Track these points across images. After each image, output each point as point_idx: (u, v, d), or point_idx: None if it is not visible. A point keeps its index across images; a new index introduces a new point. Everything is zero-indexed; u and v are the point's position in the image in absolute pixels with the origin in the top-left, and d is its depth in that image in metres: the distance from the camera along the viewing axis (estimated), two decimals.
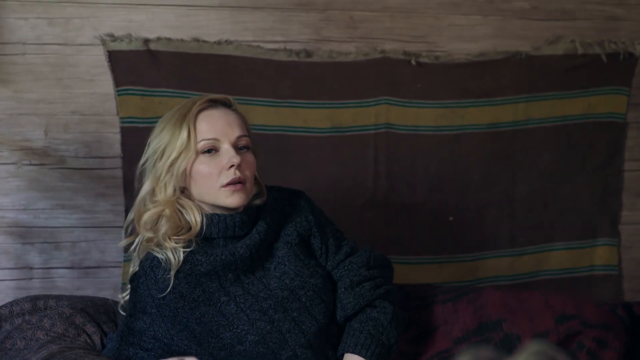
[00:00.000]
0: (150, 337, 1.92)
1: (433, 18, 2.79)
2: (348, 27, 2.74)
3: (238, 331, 1.88)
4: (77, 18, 2.62)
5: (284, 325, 1.90)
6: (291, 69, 2.69)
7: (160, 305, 1.91)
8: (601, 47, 2.82)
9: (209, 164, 1.95)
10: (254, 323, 1.89)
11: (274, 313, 1.91)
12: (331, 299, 2.00)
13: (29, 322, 2.08)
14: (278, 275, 1.97)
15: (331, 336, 2.00)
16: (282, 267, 1.98)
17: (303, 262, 2.00)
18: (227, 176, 1.94)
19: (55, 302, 2.17)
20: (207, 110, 1.99)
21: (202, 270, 1.92)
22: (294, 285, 1.95)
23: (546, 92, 2.81)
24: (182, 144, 1.95)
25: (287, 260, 1.99)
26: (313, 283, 1.97)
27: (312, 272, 1.99)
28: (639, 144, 2.92)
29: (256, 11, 2.70)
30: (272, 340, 1.89)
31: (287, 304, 1.93)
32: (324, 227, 2.10)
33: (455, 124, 2.77)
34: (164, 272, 1.91)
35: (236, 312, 1.90)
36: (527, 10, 2.83)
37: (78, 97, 2.64)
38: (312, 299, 1.95)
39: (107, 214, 2.66)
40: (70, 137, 2.63)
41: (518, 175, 2.82)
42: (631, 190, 2.92)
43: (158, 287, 1.91)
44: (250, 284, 1.94)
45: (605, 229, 2.88)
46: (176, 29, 2.66)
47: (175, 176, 1.96)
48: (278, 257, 2.00)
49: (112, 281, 2.66)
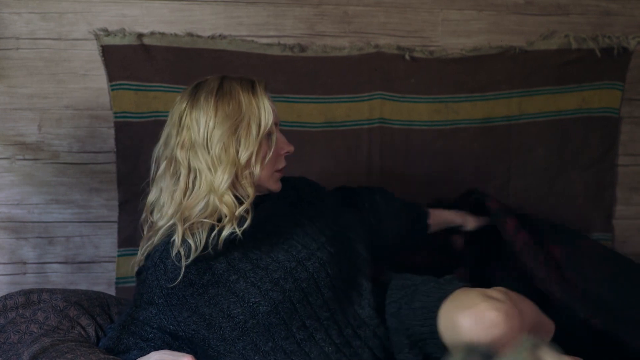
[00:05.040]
0: (154, 327, 1.93)
1: (427, 13, 2.79)
2: (342, 22, 2.74)
3: (250, 304, 1.90)
4: (70, 13, 2.62)
5: (295, 295, 1.93)
6: (285, 63, 2.69)
7: (168, 295, 1.92)
8: (595, 42, 2.82)
9: (269, 147, 1.96)
10: (266, 294, 1.91)
11: (284, 283, 1.93)
12: (337, 273, 2.00)
13: (22, 316, 2.08)
14: (285, 248, 1.98)
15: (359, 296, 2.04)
16: (289, 241, 2.00)
17: (311, 237, 2.01)
18: (281, 162, 2.01)
19: (49, 295, 2.16)
20: (266, 90, 2.00)
21: (211, 253, 1.92)
22: (300, 256, 1.97)
23: (540, 87, 2.80)
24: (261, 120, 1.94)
25: (295, 235, 2.01)
26: (319, 256, 1.98)
27: (319, 246, 2.00)
28: (632, 138, 2.92)
29: (250, 6, 2.70)
30: (283, 309, 1.91)
31: (296, 274, 1.94)
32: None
33: (449, 119, 2.77)
34: (174, 262, 1.91)
35: (246, 287, 1.91)
36: (521, 5, 2.83)
37: (72, 92, 2.63)
38: (319, 270, 1.96)
39: (101, 209, 2.66)
40: (63, 132, 2.63)
41: (512, 170, 2.81)
42: (625, 185, 2.92)
43: (168, 277, 1.92)
44: (259, 258, 1.95)
45: (600, 223, 2.88)
46: (170, 24, 2.66)
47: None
48: (286, 232, 2.01)
49: (106, 276, 2.66)
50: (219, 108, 1.92)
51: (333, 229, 2.08)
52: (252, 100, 1.94)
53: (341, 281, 2.00)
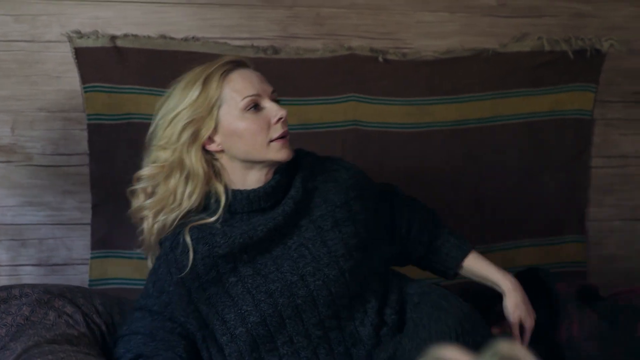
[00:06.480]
0: (166, 319, 1.94)
1: (400, 15, 2.79)
2: (315, 24, 2.74)
3: (241, 312, 1.90)
4: (44, 15, 2.62)
5: (286, 310, 1.91)
6: (258, 65, 2.67)
7: (177, 284, 1.93)
8: (568, 44, 2.82)
9: (255, 120, 1.94)
10: (258, 304, 1.90)
11: (279, 296, 1.91)
12: (342, 291, 1.94)
13: (6, 311, 2.08)
14: (294, 257, 1.94)
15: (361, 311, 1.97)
16: (301, 249, 1.95)
17: (327, 248, 1.95)
18: (276, 130, 1.96)
19: (31, 289, 2.16)
20: (236, 70, 1.98)
21: (220, 252, 1.92)
22: (305, 271, 1.92)
23: (513, 89, 2.81)
24: (193, 101, 1.93)
25: (312, 242, 1.96)
26: (326, 273, 1.92)
27: (330, 261, 1.94)
28: (605, 140, 2.93)
29: (223, 8, 2.70)
30: (272, 323, 1.90)
31: (295, 289, 1.91)
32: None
33: (422, 121, 2.77)
34: (183, 252, 1.93)
35: (242, 293, 1.91)
36: (494, 7, 2.83)
37: (45, 94, 2.63)
38: (321, 289, 1.92)
39: (74, 211, 2.66)
40: (37, 134, 2.63)
41: (485, 172, 2.81)
42: (598, 187, 2.92)
43: (177, 266, 1.93)
44: (263, 264, 1.94)
45: (573, 225, 2.89)
46: (144, 26, 2.65)
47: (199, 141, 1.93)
48: (303, 237, 1.97)
49: (79, 278, 2.65)
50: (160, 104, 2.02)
51: (359, 236, 2.01)
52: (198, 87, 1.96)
53: (346, 298, 1.95)
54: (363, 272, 1.98)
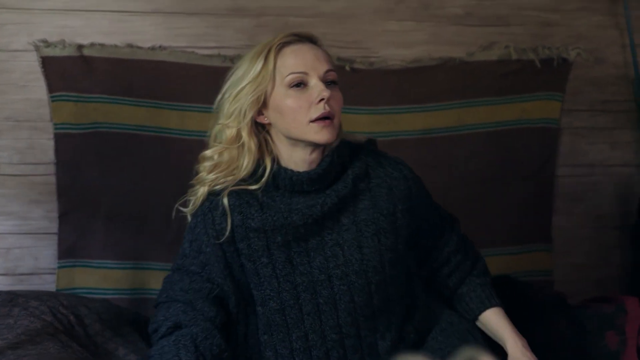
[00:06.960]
0: (205, 280, 1.93)
1: (367, 24, 2.80)
2: None
3: (264, 293, 1.91)
4: (11, 24, 2.63)
5: (305, 307, 1.91)
6: (226, 74, 2.68)
7: (215, 246, 1.92)
8: (535, 53, 2.83)
9: (298, 97, 1.89)
10: (280, 293, 1.91)
11: (302, 291, 1.91)
12: (365, 302, 1.92)
13: None
14: (328, 255, 1.92)
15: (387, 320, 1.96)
16: (335, 249, 1.92)
17: (360, 255, 1.92)
18: (317, 110, 1.87)
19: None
20: (293, 45, 1.93)
21: (253, 225, 1.91)
22: (333, 272, 1.91)
23: (480, 98, 2.81)
24: (257, 75, 1.90)
25: (348, 245, 1.93)
26: (353, 280, 1.91)
27: (359, 269, 1.91)
28: (572, 149, 2.93)
29: (190, 17, 2.70)
30: (290, 314, 1.91)
31: (319, 288, 1.91)
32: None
33: (390, 130, 2.77)
34: (222, 215, 1.91)
35: (270, 277, 1.91)
36: (461, 16, 2.84)
37: (12, 104, 2.64)
38: (344, 294, 1.91)
39: (41, 220, 2.66)
40: (3, 143, 2.63)
41: (452, 181, 2.81)
42: (565, 195, 2.93)
43: (215, 228, 1.92)
44: (296, 253, 1.92)
45: (539, 234, 2.88)
46: (111, 35, 2.66)
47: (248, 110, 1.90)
48: (341, 237, 1.93)
49: (46, 288, 2.64)
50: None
51: (397, 252, 1.96)
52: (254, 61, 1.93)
53: (369, 309, 1.93)
54: (390, 287, 1.96)
